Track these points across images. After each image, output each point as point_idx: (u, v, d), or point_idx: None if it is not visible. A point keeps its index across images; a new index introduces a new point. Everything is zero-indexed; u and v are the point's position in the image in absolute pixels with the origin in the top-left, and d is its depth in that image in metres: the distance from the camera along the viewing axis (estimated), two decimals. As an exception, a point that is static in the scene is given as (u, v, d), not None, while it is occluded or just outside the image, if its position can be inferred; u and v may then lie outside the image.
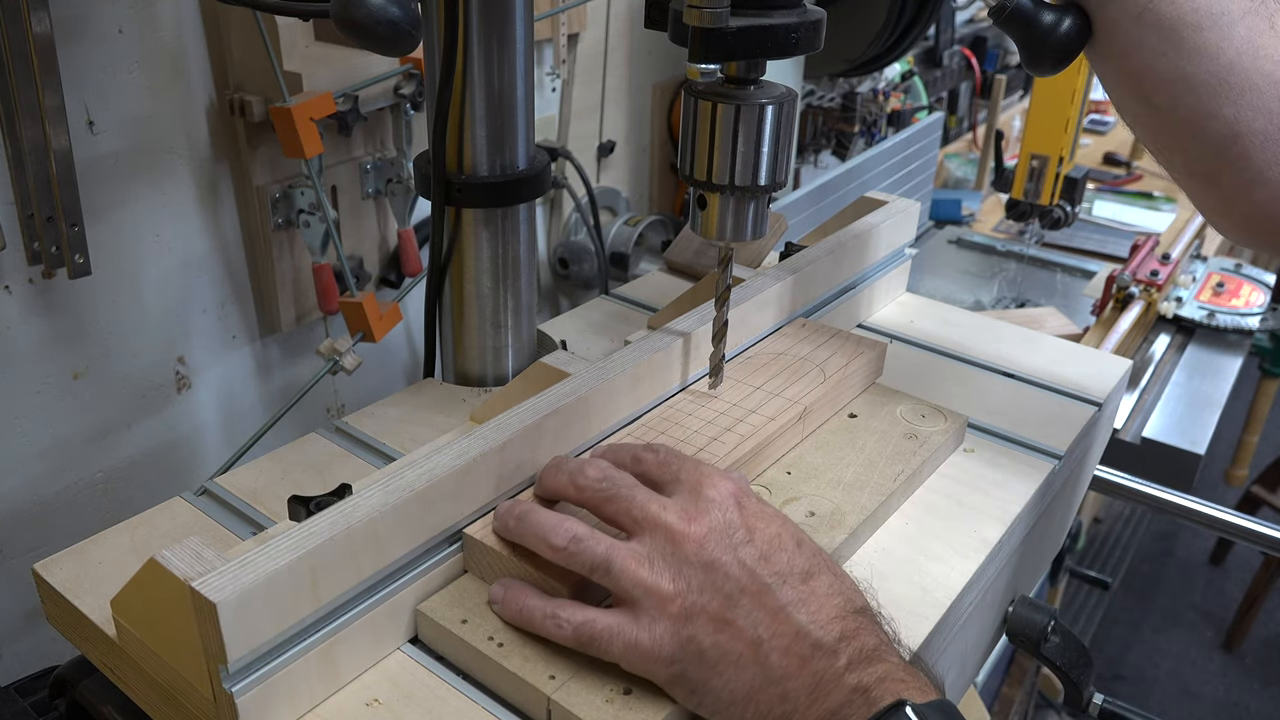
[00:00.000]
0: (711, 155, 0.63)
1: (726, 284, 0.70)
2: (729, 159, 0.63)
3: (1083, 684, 0.77)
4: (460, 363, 0.84)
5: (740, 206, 0.66)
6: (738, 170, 0.63)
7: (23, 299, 0.95)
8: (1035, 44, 0.61)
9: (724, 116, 0.62)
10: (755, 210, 0.66)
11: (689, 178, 0.65)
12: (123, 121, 0.99)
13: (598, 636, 0.52)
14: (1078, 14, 0.60)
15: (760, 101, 0.62)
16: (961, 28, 2.54)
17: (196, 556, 0.49)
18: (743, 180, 0.64)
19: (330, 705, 0.54)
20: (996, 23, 0.62)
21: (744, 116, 0.62)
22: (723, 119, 0.62)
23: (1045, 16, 0.60)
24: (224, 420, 1.20)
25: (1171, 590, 2.80)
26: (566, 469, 0.59)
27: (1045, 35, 0.60)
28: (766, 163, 0.64)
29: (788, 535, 0.54)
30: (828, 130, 1.96)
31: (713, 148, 0.63)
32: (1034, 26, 0.61)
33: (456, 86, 0.73)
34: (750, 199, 0.66)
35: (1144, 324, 1.66)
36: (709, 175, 0.64)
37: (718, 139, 0.63)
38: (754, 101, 0.62)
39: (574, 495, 0.58)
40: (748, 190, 0.64)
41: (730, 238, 0.67)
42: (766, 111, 0.62)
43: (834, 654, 0.50)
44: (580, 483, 0.58)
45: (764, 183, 0.64)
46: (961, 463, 0.76)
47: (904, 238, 1.00)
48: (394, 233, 1.32)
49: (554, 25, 1.46)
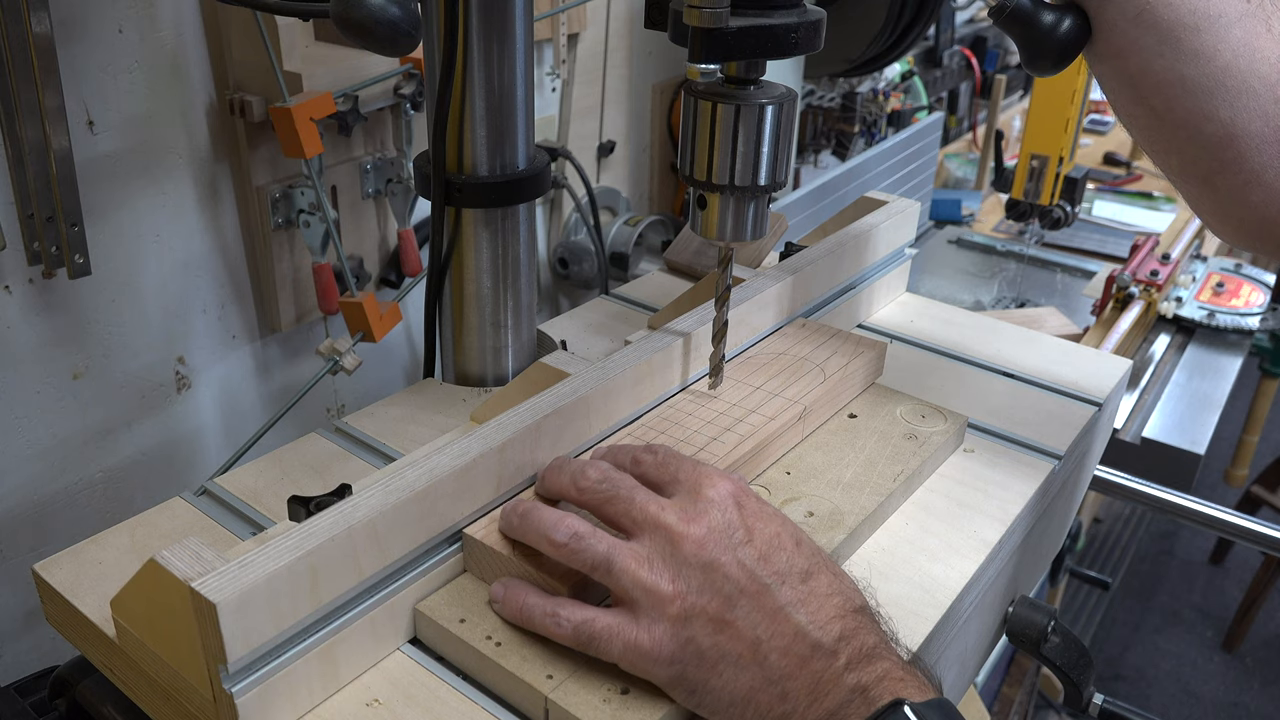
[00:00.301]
0: (711, 155, 0.64)
1: (727, 284, 0.70)
2: (729, 159, 0.63)
3: (1083, 684, 0.77)
4: (460, 363, 0.84)
5: (740, 207, 0.66)
6: (738, 170, 0.64)
7: (23, 299, 0.95)
8: (1035, 44, 0.61)
9: (724, 116, 0.62)
10: (755, 210, 0.67)
11: (689, 178, 0.66)
12: (123, 121, 0.99)
13: (597, 636, 0.52)
14: (1077, 14, 0.60)
15: (760, 101, 0.62)
16: (961, 28, 2.54)
17: (196, 557, 0.49)
18: (743, 180, 0.64)
19: (330, 705, 0.54)
20: (996, 22, 0.62)
21: (744, 116, 0.62)
22: (722, 119, 0.62)
23: (1045, 16, 0.60)
24: (224, 420, 1.20)
25: (1171, 590, 2.80)
26: (568, 470, 0.59)
27: (1045, 35, 0.61)
28: (766, 163, 0.64)
29: (787, 535, 0.55)
30: (828, 130, 1.96)
31: (713, 148, 0.63)
32: (1034, 26, 0.61)
33: (456, 86, 0.73)
34: (750, 199, 0.66)
35: (1144, 324, 1.66)
36: (709, 175, 0.64)
37: (718, 139, 0.63)
38: (754, 101, 0.62)
39: (575, 496, 0.58)
40: (748, 190, 0.65)
41: (730, 238, 0.67)
42: (766, 112, 0.62)
43: (833, 654, 0.50)
44: (581, 484, 0.58)
45: (764, 183, 0.64)
46: (961, 463, 0.76)
47: (904, 238, 1.00)
48: (394, 233, 1.32)
49: (554, 25, 1.46)
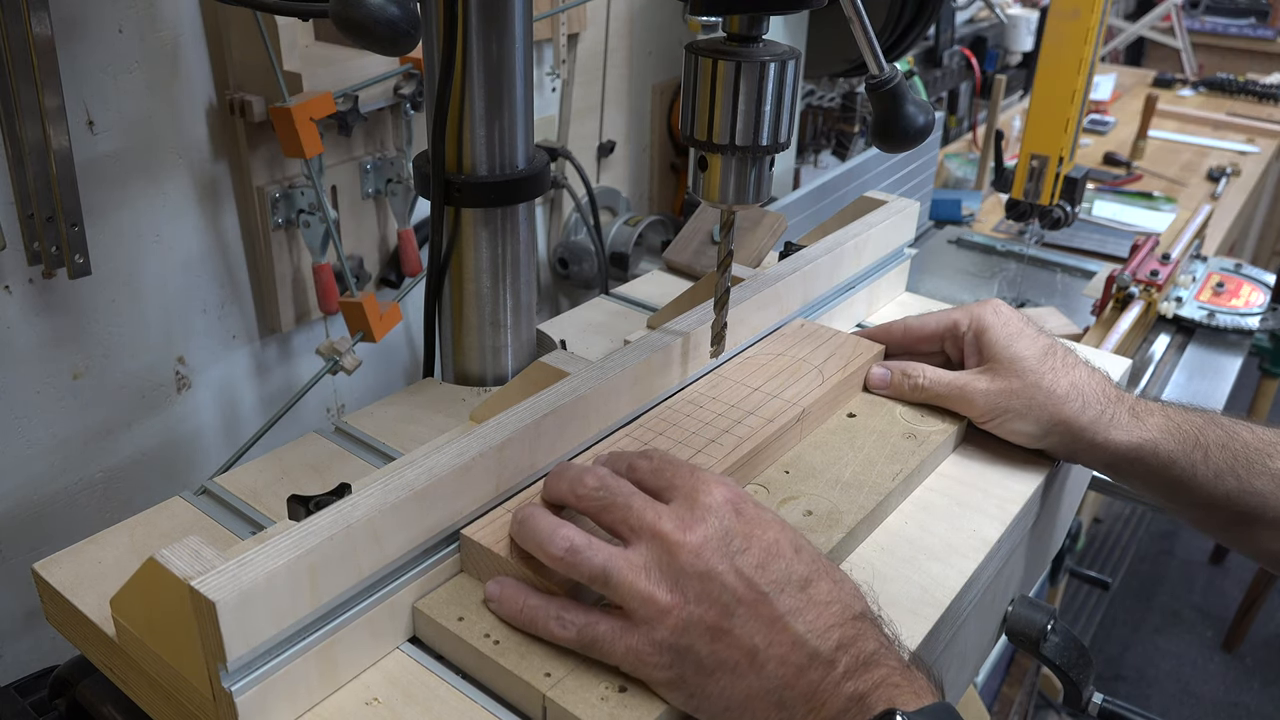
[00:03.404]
0: (713, 114, 0.62)
1: (729, 249, 0.69)
2: (730, 118, 0.62)
3: (1082, 684, 0.77)
4: (460, 362, 0.84)
5: (742, 168, 0.65)
6: (739, 130, 0.62)
7: (23, 299, 0.96)
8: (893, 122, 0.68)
9: (725, 74, 0.61)
10: (757, 173, 0.65)
11: (689, 138, 0.64)
12: (123, 121, 0.99)
13: (599, 639, 0.52)
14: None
15: (763, 59, 0.61)
16: (961, 28, 2.54)
17: (196, 556, 0.49)
18: (744, 140, 0.63)
19: (330, 704, 0.54)
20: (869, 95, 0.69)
21: (745, 74, 0.61)
22: (724, 77, 0.61)
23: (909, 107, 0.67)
24: (224, 420, 1.20)
25: (1171, 590, 2.80)
26: (567, 476, 0.59)
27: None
28: (768, 122, 0.62)
29: (786, 541, 0.54)
30: (828, 130, 1.96)
31: (714, 106, 0.62)
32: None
33: (456, 86, 0.73)
34: (752, 160, 0.64)
35: (1144, 324, 1.66)
36: (709, 135, 0.63)
37: (719, 97, 0.62)
38: (756, 59, 0.61)
39: (574, 503, 0.58)
40: (749, 150, 0.63)
41: (732, 200, 0.66)
42: (769, 69, 0.61)
43: (831, 663, 0.50)
44: (579, 491, 0.58)
45: (765, 143, 0.63)
46: (961, 462, 0.76)
47: (904, 238, 1.00)
48: (394, 233, 1.32)
49: (554, 25, 1.46)
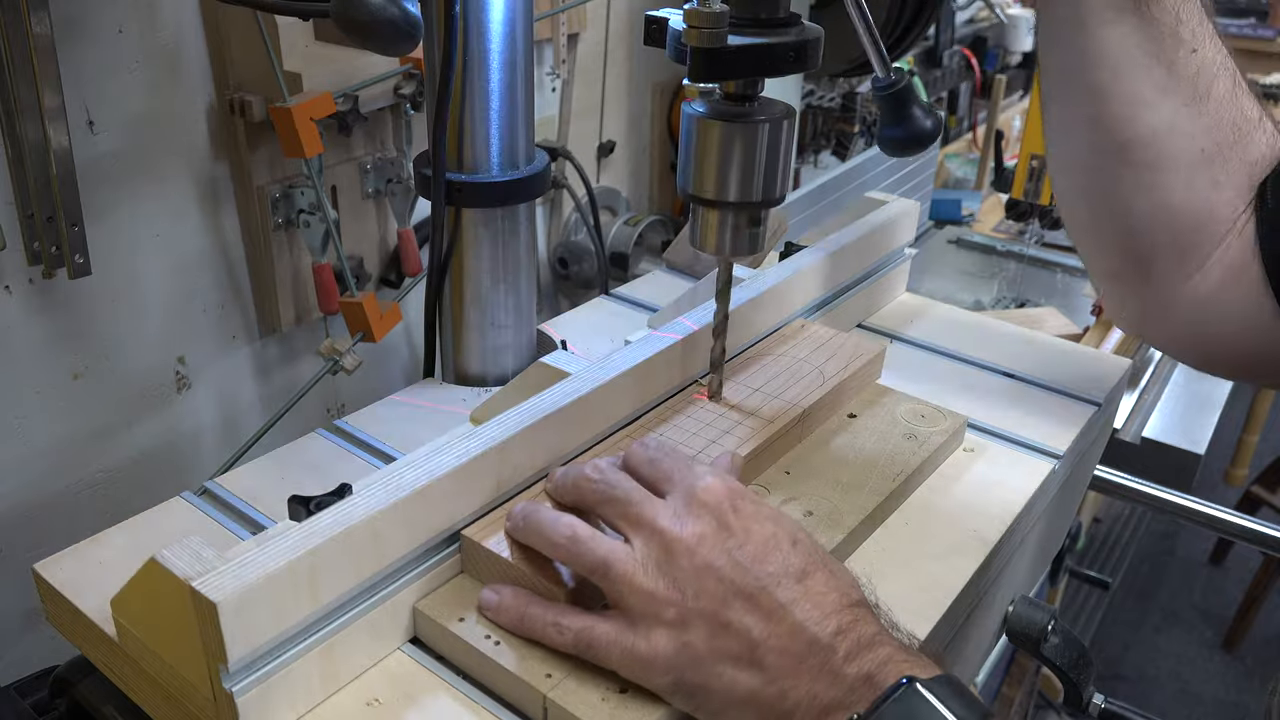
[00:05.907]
0: (710, 173, 0.64)
1: (726, 279, 0.70)
2: (727, 177, 0.63)
3: (1083, 684, 0.77)
4: (460, 363, 0.84)
5: (739, 222, 0.66)
6: (736, 188, 0.64)
7: (23, 299, 0.95)
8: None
9: (722, 135, 0.62)
10: (753, 226, 0.67)
11: (686, 193, 0.66)
12: (123, 121, 0.99)
13: (596, 643, 0.52)
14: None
15: (759, 120, 0.62)
16: (961, 28, 2.54)
17: (196, 556, 0.49)
18: (741, 197, 0.64)
19: (330, 705, 0.54)
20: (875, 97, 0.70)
21: (742, 135, 0.62)
22: (721, 137, 0.62)
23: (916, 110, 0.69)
24: (224, 420, 1.20)
25: (1171, 590, 2.80)
26: (571, 472, 0.59)
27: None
28: (764, 180, 0.64)
29: (783, 534, 0.54)
30: (828, 130, 1.96)
31: (711, 166, 0.63)
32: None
33: (456, 86, 0.73)
34: (749, 216, 0.66)
35: (1144, 324, 1.66)
36: (707, 192, 0.64)
37: (716, 157, 0.63)
38: (753, 120, 0.62)
39: (575, 496, 0.58)
40: (745, 207, 0.65)
41: (730, 252, 0.67)
42: (764, 130, 0.62)
43: (831, 649, 0.50)
44: (581, 484, 0.58)
45: (759, 199, 0.65)
46: (961, 462, 0.76)
47: (904, 238, 1.00)
48: (394, 233, 1.32)
49: (554, 25, 1.46)
